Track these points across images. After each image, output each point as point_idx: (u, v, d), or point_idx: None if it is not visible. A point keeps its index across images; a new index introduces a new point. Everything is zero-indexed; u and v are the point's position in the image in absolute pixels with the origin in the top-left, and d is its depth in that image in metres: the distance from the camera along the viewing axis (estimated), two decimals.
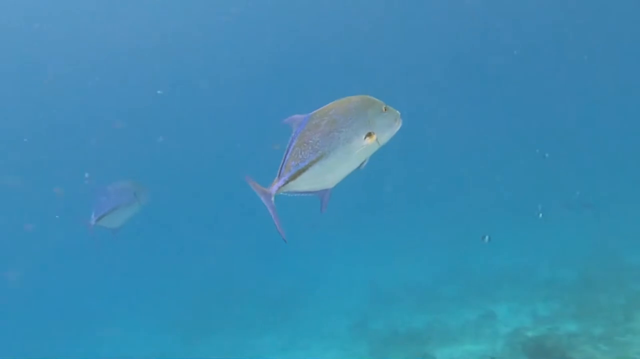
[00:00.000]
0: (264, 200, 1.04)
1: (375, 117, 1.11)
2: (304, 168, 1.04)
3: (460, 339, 4.12)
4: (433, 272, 6.11)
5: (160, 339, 5.99)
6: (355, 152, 1.09)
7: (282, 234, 1.08)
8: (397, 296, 5.48)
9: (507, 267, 5.73)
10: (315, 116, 1.08)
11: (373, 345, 4.43)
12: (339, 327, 5.04)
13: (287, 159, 1.05)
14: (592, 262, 5.20)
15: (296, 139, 1.05)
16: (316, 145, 1.04)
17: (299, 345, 4.97)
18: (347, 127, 1.06)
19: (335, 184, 1.14)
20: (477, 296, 5.03)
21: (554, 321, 4.11)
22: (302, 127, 1.05)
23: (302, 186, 1.07)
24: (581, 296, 4.44)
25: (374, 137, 1.09)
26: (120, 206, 2.56)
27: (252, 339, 5.34)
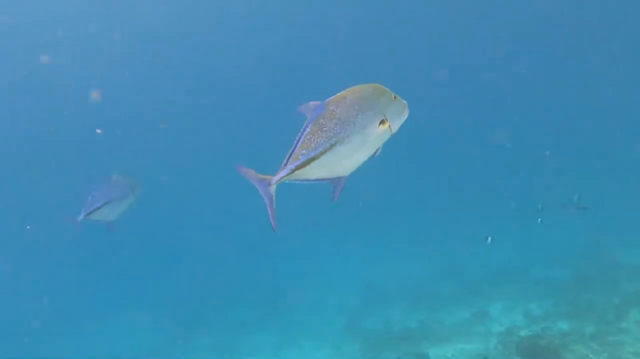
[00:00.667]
0: (259, 188, 1.03)
1: (387, 106, 1.14)
2: (316, 156, 1.04)
3: (454, 338, 4.10)
4: (427, 270, 6.09)
5: (151, 336, 5.93)
6: (370, 139, 1.11)
7: (273, 224, 1.07)
8: (391, 295, 5.45)
9: (500, 266, 5.74)
10: (329, 103, 1.08)
11: (365, 344, 4.40)
12: (331, 325, 5.01)
13: (297, 147, 1.04)
14: (585, 261, 5.21)
15: (310, 126, 1.05)
16: (331, 132, 1.05)
17: (292, 343, 4.93)
18: (361, 115, 1.08)
19: (350, 171, 1.15)
20: (471, 294, 5.03)
21: (547, 320, 4.10)
22: (317, 114, 1.06)
23: (314, 173, 1.08)
24: (574, 295, 4.44)
25: (387, 124, 1.12)
26: (113, 200, 2.61)
27: (245, 336, 5.30)
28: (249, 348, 4.98)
